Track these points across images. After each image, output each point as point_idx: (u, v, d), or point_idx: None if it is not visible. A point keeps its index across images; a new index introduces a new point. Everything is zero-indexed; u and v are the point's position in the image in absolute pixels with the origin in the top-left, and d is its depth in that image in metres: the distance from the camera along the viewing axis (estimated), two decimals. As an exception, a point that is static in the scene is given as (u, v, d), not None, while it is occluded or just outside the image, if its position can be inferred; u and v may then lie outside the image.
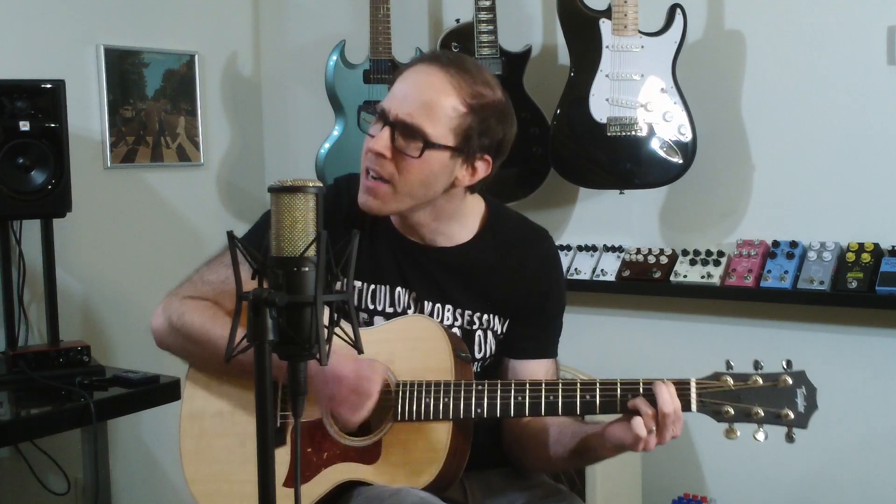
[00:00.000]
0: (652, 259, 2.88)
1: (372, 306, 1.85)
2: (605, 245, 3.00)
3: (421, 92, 1.71)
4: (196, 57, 3.41)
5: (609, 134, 2.75)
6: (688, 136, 2.73)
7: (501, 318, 1.86)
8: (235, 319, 1.26)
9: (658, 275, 2.85)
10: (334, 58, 3.12)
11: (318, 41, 3.39)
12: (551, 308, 1.90)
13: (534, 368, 1.86)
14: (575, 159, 2.84)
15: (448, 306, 1.84)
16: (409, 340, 1.77)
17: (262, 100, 3.71)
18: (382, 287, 1.85)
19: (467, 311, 1.85)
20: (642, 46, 2.73)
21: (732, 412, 1.60)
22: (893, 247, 2.56)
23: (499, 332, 1.87)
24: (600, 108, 2.75)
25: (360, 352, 1.31)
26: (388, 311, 1.84)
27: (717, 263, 2.78)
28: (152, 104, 3.30)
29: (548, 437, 1.79)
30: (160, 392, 2.61)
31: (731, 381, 1.61)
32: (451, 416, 1.69)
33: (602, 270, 2.94)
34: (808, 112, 2.72)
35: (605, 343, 2.99)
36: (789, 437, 1.59)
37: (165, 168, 3.37)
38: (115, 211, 3.21)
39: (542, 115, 2.93)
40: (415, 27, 3.28)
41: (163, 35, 3.33)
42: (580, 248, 3.02)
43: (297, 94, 3.63)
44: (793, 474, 2.79)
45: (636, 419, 1.59)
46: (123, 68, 3.21)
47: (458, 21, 3.01)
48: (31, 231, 2.80)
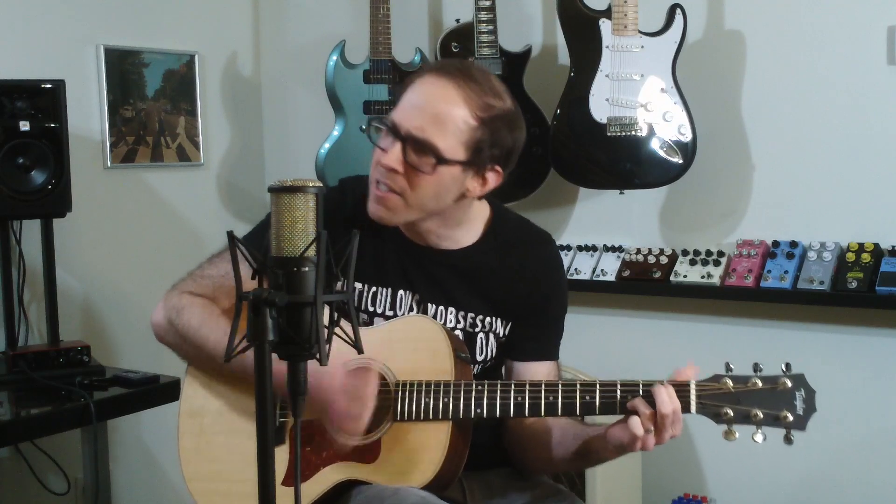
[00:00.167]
0: (652, 259, 2.88)
1: (372, 308, 1.85)
2: (605, 245, 3.00)
3: (431, 105, 1.71)
4: (196, 57, 3.41)
5: (609, 134, 2.75)
6: (688, 136, 2.73)
7: (503, 320, 1.87)
8: (235, 320, 1.26)
9: (658, 275, 2.85)
10: (334, 58, 3.12)
11: (318, 41, 3.39)
12: (552, 310, 1.90)
13: (535, 370, 1.86)
14: (575, 159, 2.84)
15: (451, 309, 1.85)
16: (410, 341, 1.77)
17: (262, 100, 3.71)
18: (384, 290, 1.85)
19: (470, 314, 1.85)
20: (642, 46, 2.73)
21: (732, 414, 1.60)
22: (893, 247, 2.57)
23: (500, 334, 1.87)
24: (600, 108, 2.75)
25: (360, 352, 1.31)
26: (389, 313, 1.85)
27: (717, 263, 2.78)
28: (152, 104, 3.30)
29: (550, 439, 1.79)
30: (160, 392, 2.61)
31: (730, 384, 1.61)
32: (450, 415, 1.69)
33: (602, 270, 2.94)
34: (808, 112, 2.72)
35: (605, 343, 2.99)
36: (787, 439, 1.59)
37: (165, 168, 3.37)
38: (115, 211, 3.21)
39: (542, 115, 2.93)
40: (415, 27, 3.28)
41: (163, 35, 3.33)
42: (580, 248, 3.02)
43: (297, 94, 3.63)
44: (793, 474, 2.79)
45: (633, 418, 1.60)
46: (123, 68, 3.21)
47: (458, 21, 3.01)
48: (31, 231, 2.80)
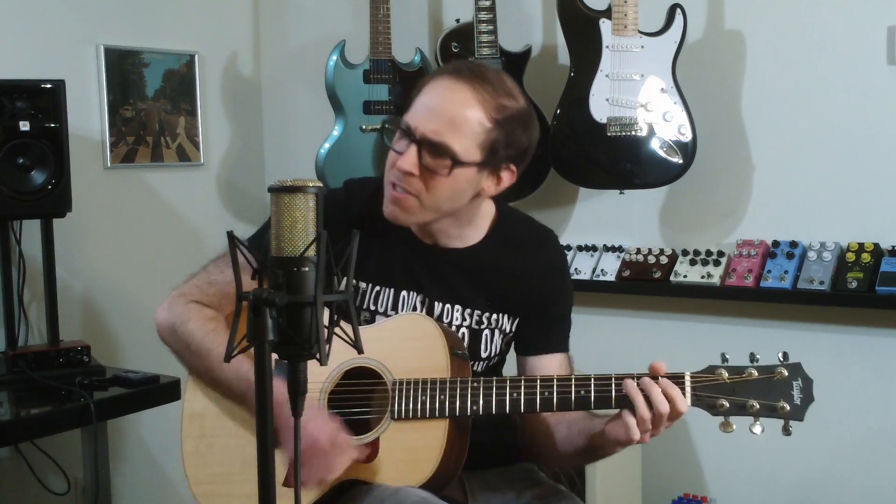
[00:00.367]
0: (652, 259, 2.88)
1: (374, 307, 1.85)
2: (605, 245, 3.00)
3: (446, 107, 1.71)
4: (196, 57, 3.41)
5: (609, 134, 2.75)
6: (688, 136, 2.73)
7: (510, 316, 1.88)
8: (235, 320, 1.26)
9: (658, 275, 2.85)
10: (334, 58, 3.12)
11: (318, 41, 3.39)
12: (559, 306, 1.91)
13: (547, 364, 1.87)
14: (575, 159, 2.84)
15: (458, 307, 1.86)
16: (405, 339, 1.77)
17: (262, 100, 3.71)
18: (387, 289, 1.86)
19: (476, 311, 1.86)
20: (642, 46, 2.73)
21: (727, 405, 1.59)
22: (893, 247, 2.57)
23: (507, 330, 1.88)
24: (600, 108, 2.75)
25: (360, 352, 1.32)
26: (390, 313, 1.85)
27: (717, 263, 2.78)
28: (152, 104, 3.30)
29: (559, 435, 1.81)
30: (160, 392, 2.61)
31: (725, 375, 1.61)
32: (447, 413, 1.69)
33: (602, 270, 2.94)
34: (808, 112, 2.72)
35: (605, 343, 2.99)
36: (786, 430, 1.57)
37: (165, 168, 3.37)
38: (115, 211, 3.21)
39: (542, 115, 2.92)
40: (415, 27, 3.29)
41: (163, 35, 3.33)
42: (580, 248, 3.02)
43: (297, 94, 3.63)
44: (793, 474, 2.79)
45: (625, 411, 1.61)
46: (123, 68, 3.21)
47: (458, 21, 3.01)
48: (31, 231, 2.80)
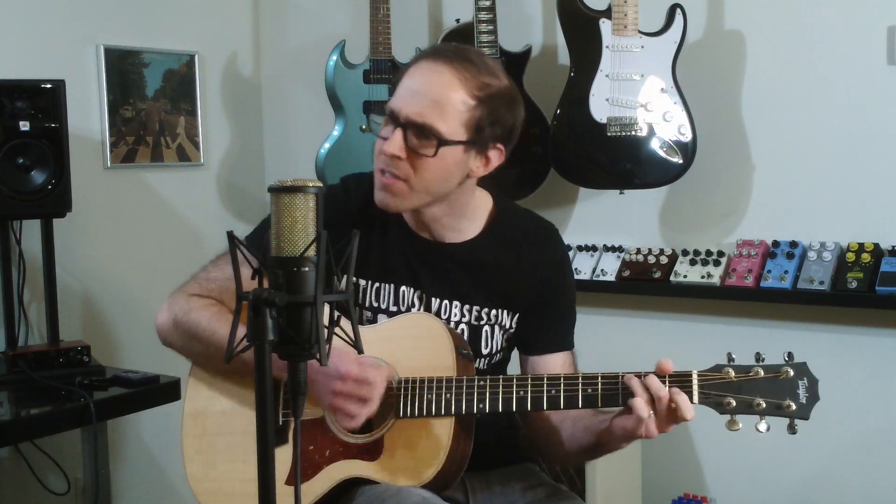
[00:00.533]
0: (652, 259, 2.88)
1: (376, 304, 1.85)
2: (605, 245, 3.00)
3: (429, 89, 1.71)
4: (196, 57, 3.41)
5: (609, 134, 2.75)
6: (688, 136, 2.73)
7: (510, 312, 1.87)
8: (235, 320, 1.26)
9: (658, 275, 2.85)
10: (334, 58, 3.12)
11: (318, 41, 3.39)
12: (562, 300, 1.90)
13: (552, 362, 1.86)
14: (575, 159, 2.84)
15: (456, 302, 1.85)
16: (411, 338, 1.77)
17: (262, 100, 3.71)
18: (387, 286, 1.85)
19: (475, 307, 1.85)
20: (642, 46, 2.73)
21: (734, 404, 1.59)
22: (893, 247, 2.57)
23: (507, 326, 1.87)
24: (600, 108, 2.75)
25: (359, 352, 1.32)
26: (392, 309, 1.84)
27: (717, 263, 2.78)
28: (152, 104, 3.30)
29: (563, 433, 1.80)
30: (160, 392, 2.61)
31: (732, 373, 1.61)
32: (452, 411, 1.69)
33: (602, 270, 2.94)
34: (808, 112, 2.72)
35: (605, 343, 2.99)
36: (791, 429, 1.58)
37: (165, 168, 3.37)
38: (115, 211, 3.21)
39: (542, 115, 2.93)
40: (415, 27, 3.28)
41: (163, 35, 3.33)
42: (580, 248, 3.02)
43: (297, 94, 3.63)
44: (793, 474, 2.79)
45: (636, 400, 1.59)
46: (123, 68, 3.21)
47: (458, 21, 3.00)
48: (31, 231, 2.80)
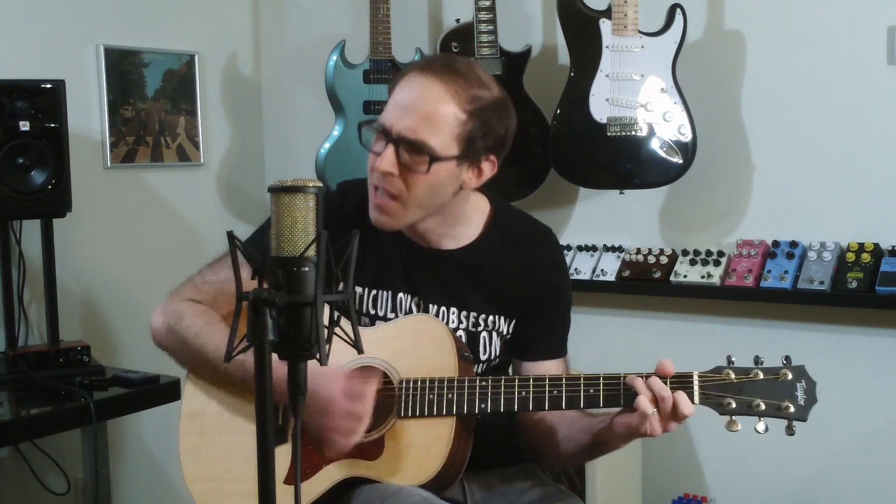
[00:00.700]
0: (652, 259, 2.88)
1: (373, 311, 1.85)
2: (605, 245, 3.00)
3: (420, 104, 1.70)
4: (196, 57, 3.41)
5: (609, 134, 2.75)
6: (688, 136, 2.73)
7: (507, 318, 1.86)
8: (235, 320, 1.26)
9: (658, 275, 2.85)
10: (334, 58, 3.12)
11: (318, 41, 3.39)
12: (558, 305, 1.90)
13: (546, 368, 1.86)
14: (575, 159, 2.84)
15: (453, 308, 1.84)
16: (414, 339, 1.77)
17: (262, 100, 3.71)
18: (384, 292, 1.85)
19: (473, 313, 1.85)
20: (642, 46, 2.73)
21: (734, 405, 1.61)
22: (893, 247, 2.56)
23: (505, 332, 1.87)
24: (600, 108, 2.75)
25: (360, 352, 1.31)
26: (390, 316, 1.84)
27: (717, 263, 2.78)
28: (152, 104, 3.30)
29: (559, 434, 1.80)
30: (160, 392, 2.61)
31: (732, 375, 1.63)
32: (454, 411, 1.69)
33: (602, 270, 2.94)
34: (808, 112, 2.72)
35: (605, 343, 2.99)
36: (789, 430, 1.60)
37: (165, 168, 3.37)
38: (115, 211, 3.21)
39: (542, 115, 2.93)
40: (415, 27, 3.28)
41: (163, 35, 3.33)
42: (580, 248, 3.02)
43: (297, 94, 3.63)
44: (793, 474, 2.79)
45: (640, 398, 1.59)
46: (123, 68, 3.21)
47: (458, 21, 3.01)
48: (31, 231, 2.80)
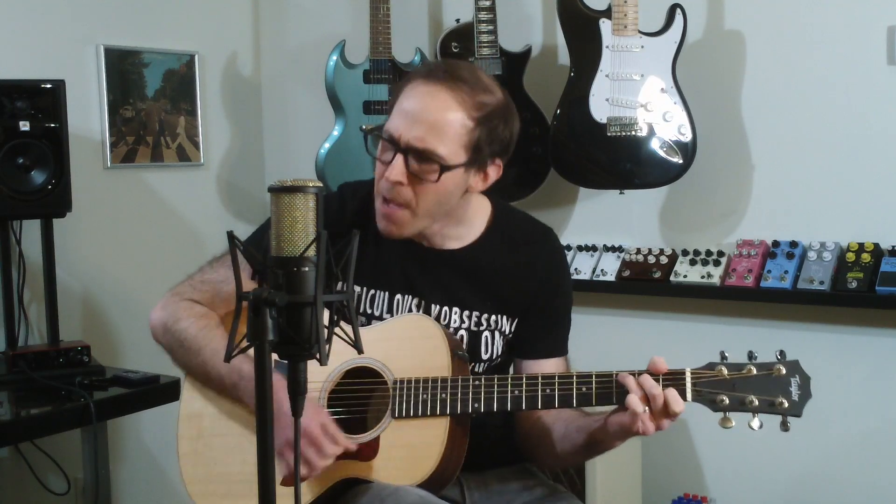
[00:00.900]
0: (652, 259, 2.88)
1: (370, 311, 1.85)
2: (605, 245, 3.00)
3: (427, 113, 1.71)
4: (196, 57, 3.41)
5: (609, 134, 2.75)
6: (688, 136, 2.73)
7: (509, 317, 1.87)
8: (235, 319, 1.26)
9: (658, 275, 2.85)
10: (334, 58, 3.12)
11: (318, 41, 3.39)
12: (559, 305, 1.91)
13: (547, 367, 1.86)
14: (575, 159, 2.84)
15: (455, 308, 1.85)
16: (407, 339, 1.77)
17: (262, 100, 3.71)
18: (382, 293, 1.85)
19: (475, 313, 1.85)
20: (642, 46, 2.73)
21: (727, 401, 1.60)
22: (893, 247, 2.56)
23: (506, 331, 1.87)
24: (600, 108, 2.75)
25: (359, 352, 1.32)
26: (386, 316, 1.85)
27: (717, 263, 2.78)
28: (152, 104, 3.30)
29: (556, 434, 1.80)
30: (160, 392, 2.61)
31: (725, 371, 1.63)
32: (448, 411, 1.69)
33: (602, 270, 2.94)
34: (808, 112, 2.72)
35: (605, 343, 2.99)
36: (784, 426, 1.59)
37: (165, 168, 3.37)
38: (115, 211, 3.21)
39: (542, 115, 2.93)
40: (415, 27, 3.29)
41: (163, 35, 3.33)
42: (580, 248, 3.02)
43: (297, 94, 3.63)
44: (792, 474, 2.79)
45: (631, 396, 1.59)
46: (123, 68, 3.21)
47: (458, 21, 3.01)
48: (31, 231, 2.80)
